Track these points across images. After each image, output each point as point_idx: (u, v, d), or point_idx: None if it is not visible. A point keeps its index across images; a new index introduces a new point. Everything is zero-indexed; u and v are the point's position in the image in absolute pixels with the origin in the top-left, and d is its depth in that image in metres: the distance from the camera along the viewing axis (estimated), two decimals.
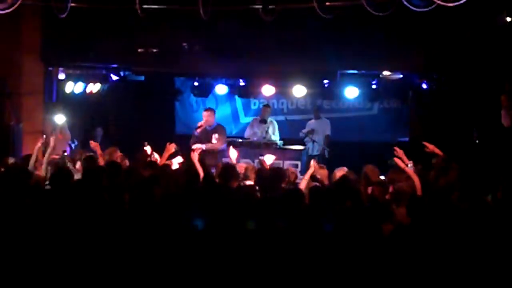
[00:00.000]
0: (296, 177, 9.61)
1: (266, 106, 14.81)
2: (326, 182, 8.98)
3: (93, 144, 10.21)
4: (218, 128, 12.90)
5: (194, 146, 11.64)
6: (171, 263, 5.75)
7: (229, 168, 8.64)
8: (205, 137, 12.60)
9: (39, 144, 9.84)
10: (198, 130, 12.69)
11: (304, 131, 14.68)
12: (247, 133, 14.53)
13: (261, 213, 6.25)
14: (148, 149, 10.35)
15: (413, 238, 5.78)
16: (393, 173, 8.42)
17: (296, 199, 6.67)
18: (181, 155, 10.57)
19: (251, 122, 14.73)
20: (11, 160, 9.90)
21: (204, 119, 12.80)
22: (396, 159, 8.59)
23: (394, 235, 6.01)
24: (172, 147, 9.95)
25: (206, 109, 13.12)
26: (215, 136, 12.64)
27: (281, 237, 5.81)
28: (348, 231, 5.84)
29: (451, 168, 8.14)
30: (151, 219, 6.22)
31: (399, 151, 8.88)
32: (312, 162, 9.20)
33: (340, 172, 9.01)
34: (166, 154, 9.84)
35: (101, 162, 9.55)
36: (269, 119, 14.52)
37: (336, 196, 7.11)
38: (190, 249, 5.81)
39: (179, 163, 9.94)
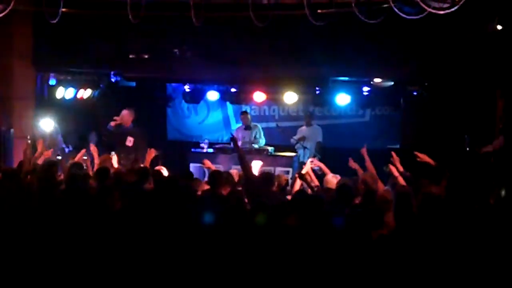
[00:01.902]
0: (287, 182, 9.61)
1: (244, 113, 14.84)
2: (315, 186, 9.03)
3: (92, 147, 10.35)
4: (135, 131, 12.78)
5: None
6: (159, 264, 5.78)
7: (217, 175, 8.63)
8: (120, 137, 12.50)
9: (24, 147, 9.93)
10: (112, 124, 12.56)
11: (295, 137, 14.68)
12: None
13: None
14: (114, 159, 10.35)
15: (401, 244, 5.81)
16: (392, 180, 8.47)
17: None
18: (164, 160, 10.67)
19: (236, 131, 14.74)
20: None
21: (121, 117, 12.67)
22: (391, 166, 8.62)
23: (384, 240, 6.04)
24: (152, 152, 10.08)
25: (126, 108, 12.87)
26: (129, 139, 12.53)
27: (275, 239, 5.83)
28: (342, 235, 5.87)
29: (443, 177, 8.14)
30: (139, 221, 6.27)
31: (395, 158, 8.92)
32: (309, 160, 9.33)
33: (332, 179, 9.04)
34: (148, 159, 9.97)
35: (96, 166, 9.73)
36: (253, 124, 14.55)
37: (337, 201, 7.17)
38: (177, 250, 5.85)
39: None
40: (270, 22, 9.40)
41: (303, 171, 9.47)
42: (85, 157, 10.63)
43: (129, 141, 12.48)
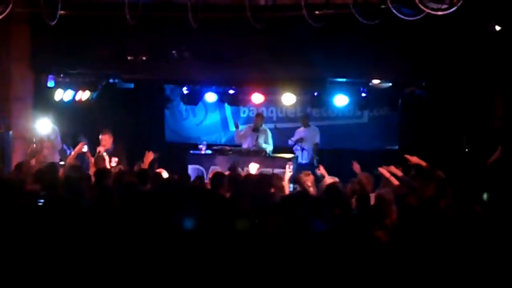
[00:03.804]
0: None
1: (258, 115, 14.87)
2: (311, 187, 9.03)
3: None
4: (117, 150, 12.62)
5: None
6: (159, 264, 5.78)
7: (219, 176, 8.64)
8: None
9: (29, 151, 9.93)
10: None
11: (293, 139, 14.66)
12: (238, 140, 14.62)
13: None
14: (107, 159, 10.44)
15: (402, 245, 5.82)
16: (385, 182, 8.47)
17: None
18: (162, 162, 10.73)
19: (245, 130, 14.74)
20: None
21: (103, 144, 12.41)
22: (380, 169, 8.62)
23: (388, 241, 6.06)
24: (151, 155, 10.12)
25: (103, 133, 12.59)
26: (114, 159, 12.09)
27: (269, 241, 5.84)
28: (337, 237, 5.87)
29: (434, 178, 8.13)
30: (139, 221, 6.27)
31: (388, 167, 8.92)
32: (287, 166, 9.39)
33: (329, 180, 9.04)
34: (146, 162, 10.01)
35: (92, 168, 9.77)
36: (263, 127, 14.57)
37: (325, 203, 7.15)
38: (178, 250, 5.85)
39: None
40: (267, 24, 9.41)
41: (285, 179, 9.51)
42: (84, 150, 10.69)
43: (114, 162, 12.45)
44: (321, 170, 10.21)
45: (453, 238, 5.75)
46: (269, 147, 14.34)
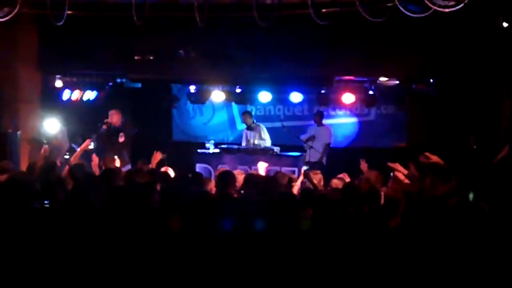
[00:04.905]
0: (289, 180, 9.60)
1: (243, 113, 15.09)
2: (319, 186, 9.03)
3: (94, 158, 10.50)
4: (125, 129, 13.10)
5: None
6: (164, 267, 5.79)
7: (226, 175, 8.63)
8: (111, 136, 12.81)
9: (42, 153, 10.00)
10: (104, 127, 12.96)
11: (304, 137, 14.59)
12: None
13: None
14: (117, 162, 10.48)
15: (405, 242, 5.82)
16: (395, 182, 8.46)
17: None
18: (170, 161, 10.74)
19: (244, 131, 14.85)
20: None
21: (110, 118, 13.05)
22: (396, 173, 8.62)
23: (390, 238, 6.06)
24: (158, 155, 10.14)
25: (112, 110, 13.23)
26: (121, 134, 12.84)
27: (274, 240, 5.84)
28: (347, 236, 5.88)
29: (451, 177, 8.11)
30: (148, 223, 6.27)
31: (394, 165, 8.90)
32: (302, 170, 9.36)
33: (338, 179, 9.04)
34: (154, 162, 10.04)
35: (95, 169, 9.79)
36: (255, 123, 14.58)
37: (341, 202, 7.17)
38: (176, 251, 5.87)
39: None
40: (274, 22, 9.40)
41: (298, 182, 9.50)
42: (91, 147, 10.71)
43: (121, 137, 12.71)
44: (362, 166, 10.01)
45: (458, 236, 5.73)
46: (263, 143, 14.36)
